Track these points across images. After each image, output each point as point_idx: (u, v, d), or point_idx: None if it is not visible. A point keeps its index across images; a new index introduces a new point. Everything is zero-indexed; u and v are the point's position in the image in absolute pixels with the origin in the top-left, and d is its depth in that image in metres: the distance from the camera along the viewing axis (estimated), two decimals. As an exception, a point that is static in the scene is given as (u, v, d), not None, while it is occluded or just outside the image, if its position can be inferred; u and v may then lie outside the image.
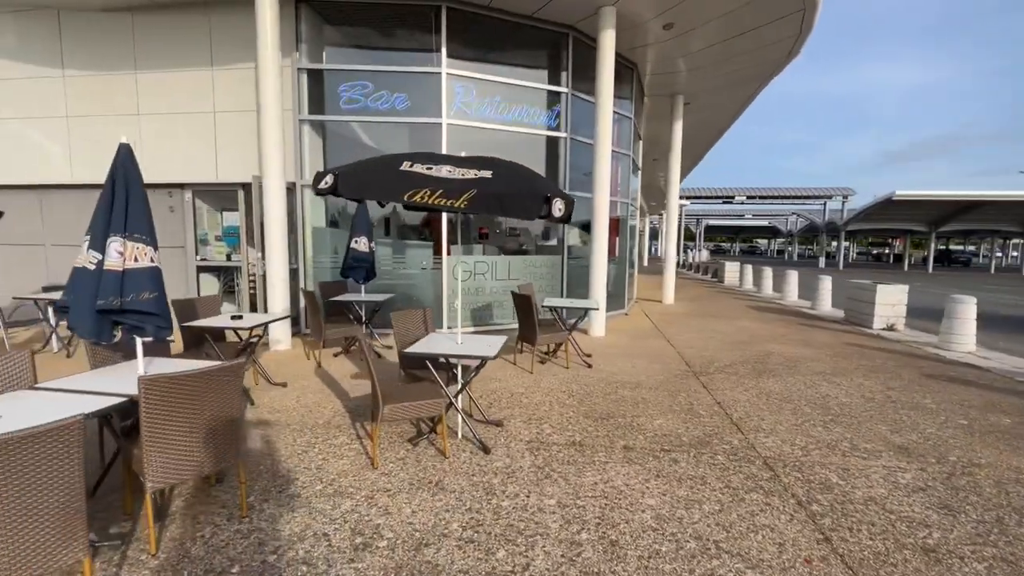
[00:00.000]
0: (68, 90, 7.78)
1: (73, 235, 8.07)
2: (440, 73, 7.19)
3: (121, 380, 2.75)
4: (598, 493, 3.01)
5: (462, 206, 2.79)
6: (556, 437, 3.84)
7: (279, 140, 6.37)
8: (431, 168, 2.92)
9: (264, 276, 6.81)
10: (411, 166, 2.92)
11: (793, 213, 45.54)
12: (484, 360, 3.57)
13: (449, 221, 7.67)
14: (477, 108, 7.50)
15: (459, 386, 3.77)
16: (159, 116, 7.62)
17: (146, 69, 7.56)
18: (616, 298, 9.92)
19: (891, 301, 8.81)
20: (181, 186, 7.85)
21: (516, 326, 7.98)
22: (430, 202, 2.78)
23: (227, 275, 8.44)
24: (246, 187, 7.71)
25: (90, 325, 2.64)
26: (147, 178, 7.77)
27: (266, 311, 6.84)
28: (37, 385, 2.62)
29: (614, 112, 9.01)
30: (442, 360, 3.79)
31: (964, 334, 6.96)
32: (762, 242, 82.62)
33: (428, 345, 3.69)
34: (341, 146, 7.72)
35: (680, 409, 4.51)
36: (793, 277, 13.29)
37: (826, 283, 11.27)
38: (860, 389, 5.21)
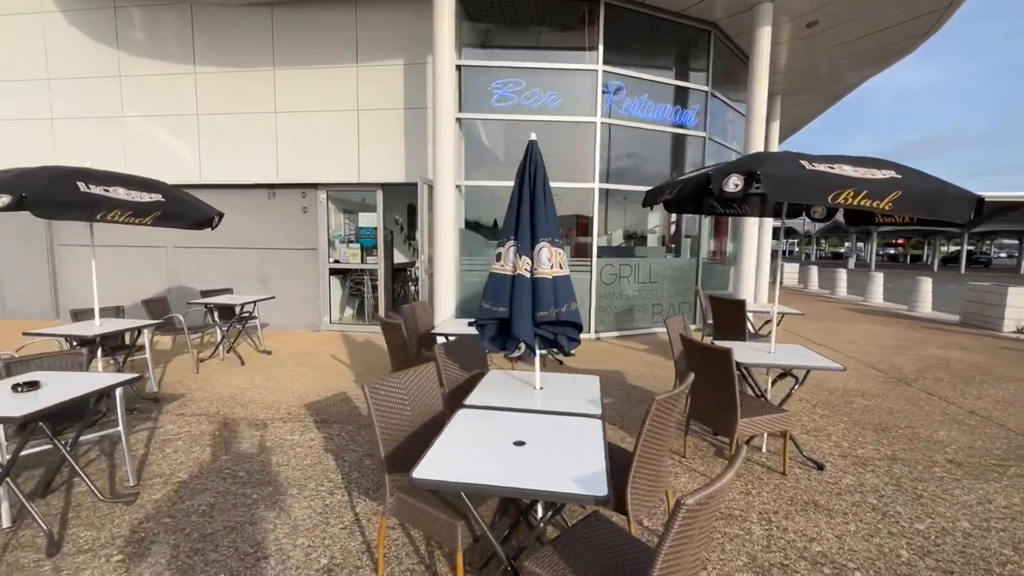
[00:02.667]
0: (199, 87, 7.54)
1: (197, 237, 7.82)
2: (596, 70, 7.00)
3: (525, 395, 2.54)
4: (997, 514, 2.82)
5: (887, 207, 2.60)
6: (862, 451, 3.65)
7: (452, 141, 6.17)
8: (833, 167, 2.73)
9: (423, 279, 6.58)
10: (812, 164, 2.73)
11: (813, 214, 45.48)
12: (806, 371, 3.39)
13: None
14: (627, 106, 7.31)
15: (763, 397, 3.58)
16: (297, 114, 7.39)
17: (285, 65, 7.33)
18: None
19: (1023, 304, 8.68)
20: (315, 186, 7.61)
21: (656, 330, 7.84)
22: (854, 203, 2.59)
23: (353, 278, 8.21)
24: (385, 187, 7.52)
25: (530, 335, 2.43)
26: (281, 177, 7.63)
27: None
28: (465, 403, 2.40)
29: (734, 110, 8.88)
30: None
31: None
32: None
33: (748, 356, 3.49)
34: (483, 144, 7.50)
35: (944, 419, 4.33)
36: (878, 279, 13.18)
37: (926, 285, 11.13)
38: (1090, 396, 5.05)
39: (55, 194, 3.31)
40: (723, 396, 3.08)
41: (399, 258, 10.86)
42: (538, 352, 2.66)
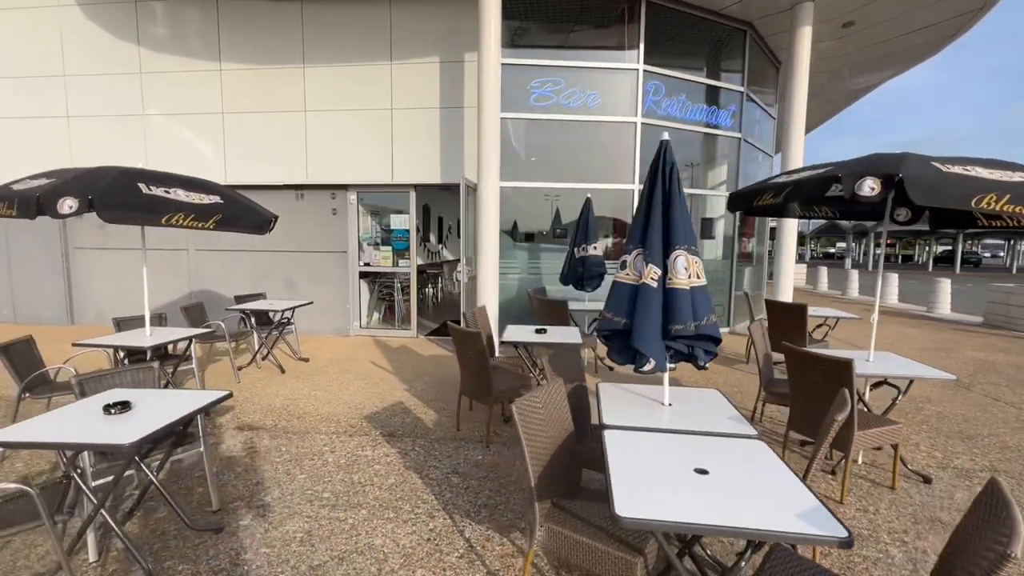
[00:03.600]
0: (225, 84, 7.28)
1: (221, 240, 7.57)
2: (637, 70, 6.86)
3: (656, 412, 2.38)
4: None
5: (1028, 212, 2.48)
6: (959, 462, 3.53)
7: (497, 141, 5.99)
8: (968, 169, 2.61)
9: (464, 283, 6.39)
10: (946, 167, 2.60)
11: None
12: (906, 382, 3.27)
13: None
14: (665, 106, 7.18)
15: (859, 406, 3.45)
16: (327, 112, 7.17)
17: (315, 62, 7.10)
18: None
19: (1051, 306, 8.70)
20: (345, 187, 7.39)
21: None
22: (997, 207, 2.46)
23: (382, 281, 7.98)
24: (418, 188, 7.32)
25: (657, 349, 2.27)
26: (310, 178, 7.39)
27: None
28: (606, 423, 2.23)
29: (763, 110, 8.81)
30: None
31: None
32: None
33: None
34: (510, 144, 7.31)
35: (1023, 426, 4.25)
36: (892, 280, 13.21)
37: (945, 286, 11.16)
38: None
39: (120, 196, 3.08)
40: (848, 415, 2.93)
41: (418, 260, 10.65)
42: (668, 367, 2.50)
